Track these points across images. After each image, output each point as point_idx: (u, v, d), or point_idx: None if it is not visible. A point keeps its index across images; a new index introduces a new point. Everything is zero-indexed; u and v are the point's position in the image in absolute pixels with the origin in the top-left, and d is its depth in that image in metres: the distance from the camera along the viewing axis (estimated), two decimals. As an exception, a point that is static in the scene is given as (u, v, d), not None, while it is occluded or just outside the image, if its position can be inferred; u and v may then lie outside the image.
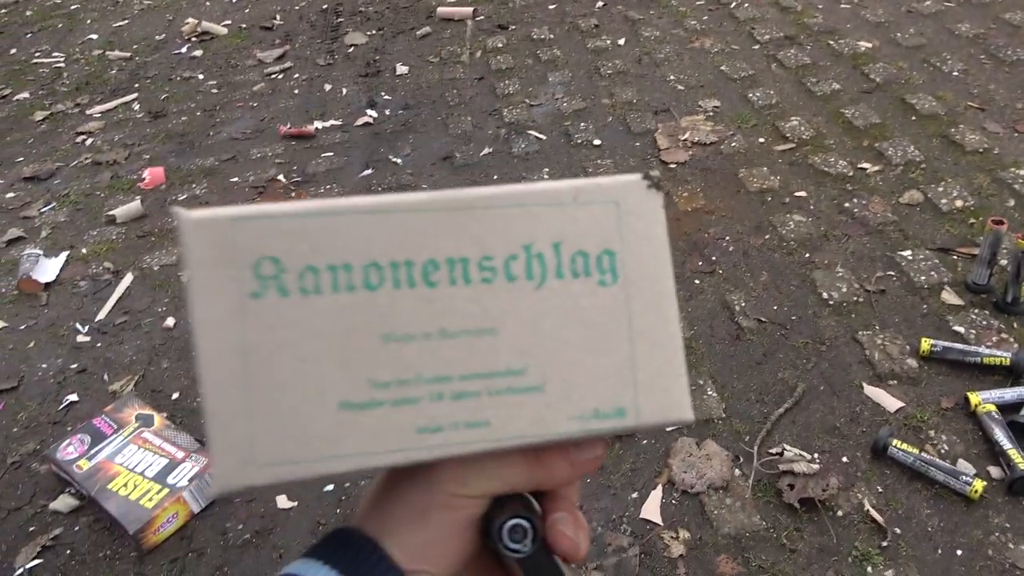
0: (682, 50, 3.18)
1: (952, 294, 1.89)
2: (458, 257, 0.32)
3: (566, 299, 0.33)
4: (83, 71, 3.93)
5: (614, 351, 0.34)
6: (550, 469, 0.35)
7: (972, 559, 1.39)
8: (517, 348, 0.33)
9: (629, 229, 0.34)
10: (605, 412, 0.34)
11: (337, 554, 0.34)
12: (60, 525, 1.72)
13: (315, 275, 0.31)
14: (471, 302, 0.32)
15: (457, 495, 0.34)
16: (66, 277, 2.49)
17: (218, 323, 0.30)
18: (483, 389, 0.32)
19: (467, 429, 0.32)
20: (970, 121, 2.47)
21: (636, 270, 0.34)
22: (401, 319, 0.31)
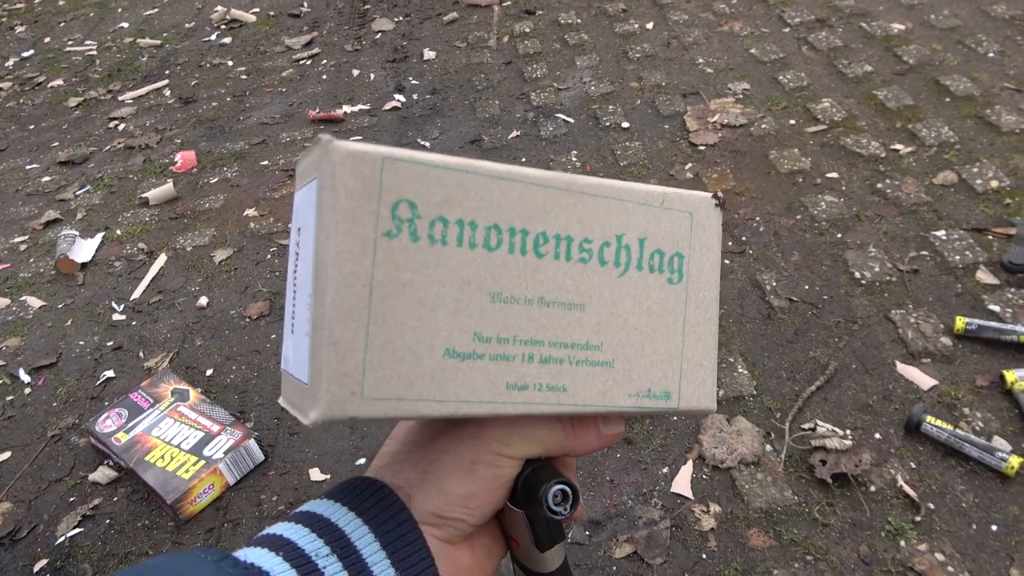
0: (711, 33, 3.15)
1: (987, 273, 1.86)
2: (564, 235, 0.35)
3: (641, 289, 0.37)
4: (115, 58, 3.99)
5: (669, 341, 0.38)
6: (582, 439, 0.39)
7: (1007, 535, 1.37)
8: (598, 326, 0.36)
9: (697, 238, 0.39)
10: (655, 393, 0.38)
11: (359, 500, 0.36)
12: (99, 496, 1.76)
13: (444, 226, 0.32)
14: (568, 277, 0.35)
15: (502, 454, 0.37)
16: (101, 257, 2.53)
17: (352, 254, 0.30)
18: (566, 357, 0.35)
19: (548, 392, 0.35)
20: (1006, 102, 2.43)
21: (696, 274, 0.39)
22: (509, 282, 0.34)
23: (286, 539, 0.34)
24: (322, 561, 0.34)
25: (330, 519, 0.35)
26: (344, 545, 0.34)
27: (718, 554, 1.43)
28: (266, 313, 2.18)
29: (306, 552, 0.34)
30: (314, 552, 0.34)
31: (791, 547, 1.42)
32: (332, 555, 0.34)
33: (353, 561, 0.34)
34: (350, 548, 0.34)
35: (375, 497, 0.36)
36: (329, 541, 0.34)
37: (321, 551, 0.34)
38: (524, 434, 0.37)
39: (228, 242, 2.49)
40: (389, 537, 0.35)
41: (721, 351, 1.81)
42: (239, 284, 2.31)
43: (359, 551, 0.34)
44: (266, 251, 2.42)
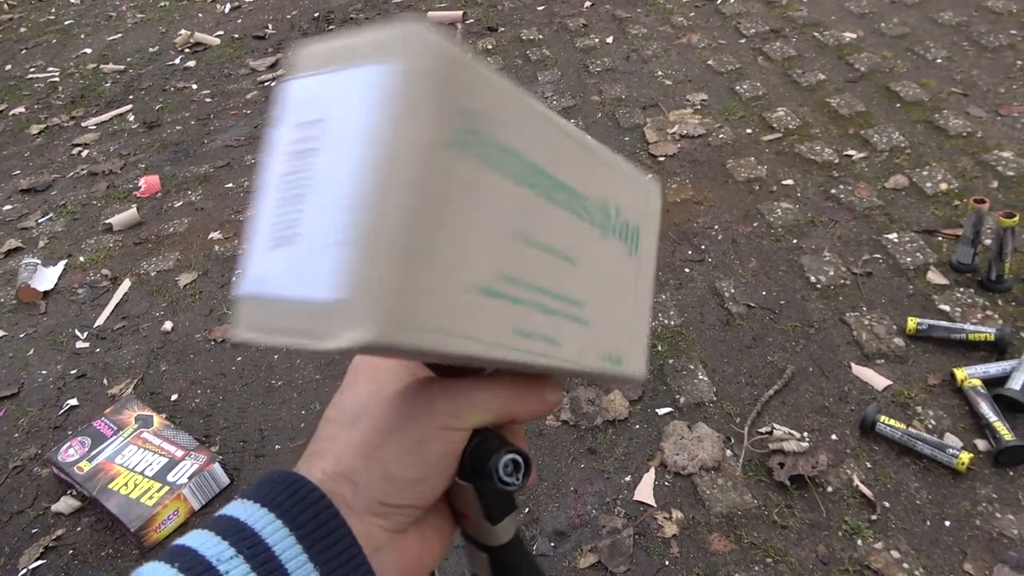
0: (669, 46, 3.21)
1: (938, 274, 1.91)
2: (571, 187, 0.34)
3: (614, 255, 0.38)
4: (78, 85, 3.97)
5: (626, 308, 0.39)
6: (527, 405, 0.38)
7: (960, 529, 1.40)
8: (584, 283, 0.35)
9: (648, 216, 0.40)
10: (614, 357, 0.38)
11: (271, 495, 0.33)
12: (62, 526, 1.74)
13: (502, 153, 0.29)
14: (570, 229, 0.34)
15: (450, 427, 0.35)
16: (64, 285, 2.51)
17: (434, 160, 0.26)
18: (561, 311, 0.34)
19: (545, 343, 0.33)
20: (954, 106, 2.49)
21: (645, 248, 0.40)
22: (534, 225, 0.32)
23: (187, 548, 0.32)
24: (224, 565, 0.31)
25: (239, 519, 0.33)
26: (253, 544, 0.32)
27: (681, 560, 1.45)
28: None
29: (206, 558, 0.31)
30: (216, 556, 0.31)
31: (751, 550, 1.44)
32: (237, 556, 0.31)
33: (263, 560, 0.32)
34: (260, 547, 0.32)
35: (290, 491, 0.33)
36: (235, 542, 0.32)
37: (224, 554, 0.32)
38: (472, 403, 0.35)
39: (193, 266, 2.49)
40: (305, 531, 0.32)
41: (681, 358, 1.84)
42: (204, 307, 2.30)
43: (271, 548, 0.32)
44: (231, 274, 2.42)
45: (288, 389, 1.98)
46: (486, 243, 0.29)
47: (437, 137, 0.26)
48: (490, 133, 0.29)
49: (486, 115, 0.28)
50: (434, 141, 0.26)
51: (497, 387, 0.37)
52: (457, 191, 0.27)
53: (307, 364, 2.04)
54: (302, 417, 1.89)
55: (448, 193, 0.27)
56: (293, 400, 1.94)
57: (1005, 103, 2.46)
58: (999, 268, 1.80)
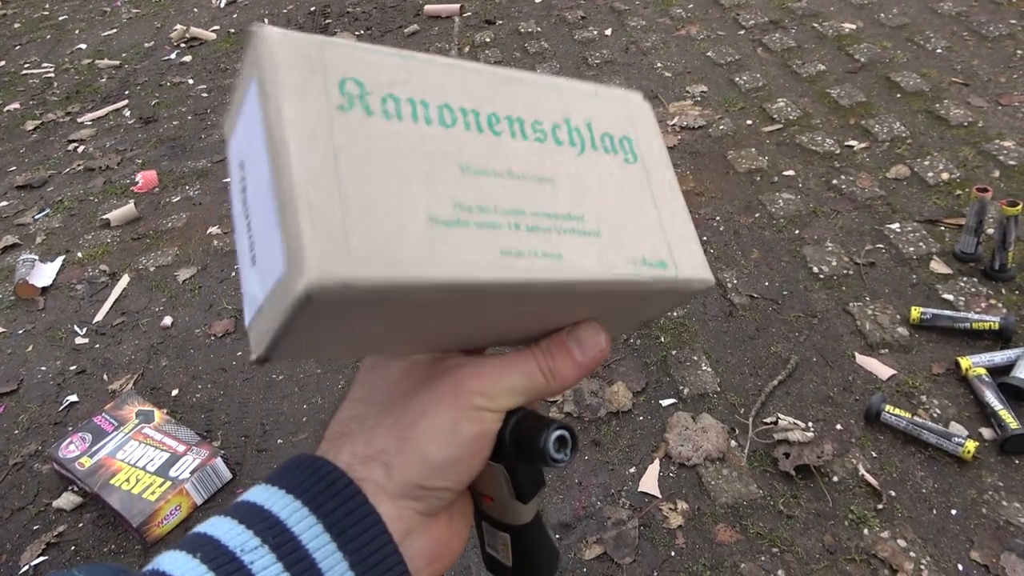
0: (668, 38, 3.20)
1: (941, 263, 1.91)
2: (514, 116, 0.35)
3: (603, 167, 0.37)
4: (73, 80, 3.94)
5: (647, 215, 0.37)
6: (563, 376, 0.37)
7: (966, 518, 1.40)
8: (573, 199, 0.35)
9: (638, 125, 0.39)
10: (652, 261, 0.36)
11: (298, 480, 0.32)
12: (64, 522, 1.73)
13: (396, 103, 0.31)
14: (531, 154, 0.34)
15: (484, 408, 0.34)
16: (62, 281, 2.50)
17: (308, 123, 0.29)
18: (552, 227, 0.33)
19: (545, 259, 0.33)
20: (954, 96, 2.49)
21: (648, 156, 0.39)
22: (475, 155, 0.33)
23: (208, 537, 0.31)
24: (248, 556, 0.30)
25: (263, 506, 0.32)
26: (279, 533, 0.31)
27: (686, 551, 1.44)
28: (231, 330, 2.16)
29: (229, 548, 0.30)
30: (239, 547, 0.30)
31: (757, 540, 1.43)
32: (262, 546, 0.30)
33: (290, 550, 0.30)
34: (286, 536, 0.31)
35: (316, 476, 0.32)
36: (260, 531, 0.31)
37: (248, 544, 0.31)
38: (506, 384, 0.35)
39: (192, 261, 2.47)
40: (333, 518, 0.31)
41: (684, 349, 1.83)
42: (203, 302, 2.29)
43: (297, 538, 0.31)
44: (230, 268, 2.40)
45: (289, 383, 1.97)
46: (416, 179, 0.30)
47: (313, 105, 0.29)
48: (373, 89, 0.31)
49: (360, 77, 0.31)
50: (312, 108, 0.29)
51: (529, 366, 0.36)
52: (350, 143, 0.29)
53: (308, 359, 2.02)
54: (303, 411, 1.88)
55: (340, 145, 0.29)
56: (294, 394, 1.93)
57: (1006, 92, 2.46)
58: (1002, 257, 1.80)
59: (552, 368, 0.36)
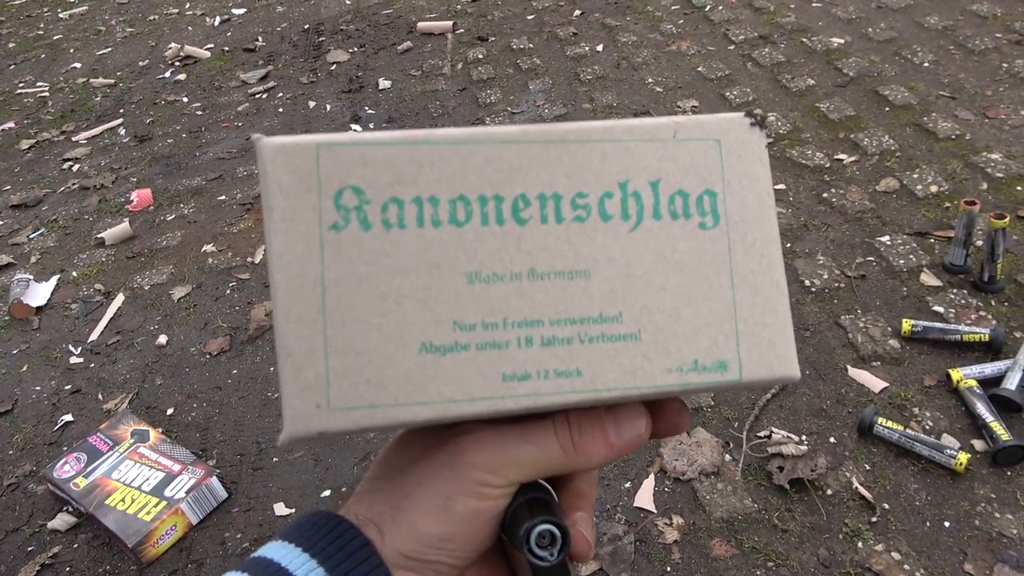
0: (659, 53, 3.23)
1: (931, 276, 1.92)
2: (550, 193, 0.30)
3: (663, 242, 0.31)
4: (68, 99, 3.96)
5: (714, 299, 0.31)
6: (588, 454, 0.33)
7: (960, 530, 1.41)
8: (611, 293, 0.31)
9: (731, 169, 0.32)
10: (705, 365, 0.31)
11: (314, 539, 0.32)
12: (59, 543, 1.73)
13: (399, 208, 0.29)
14: (563, 242, 0.30)
15: (486, 484, 0.32)
16: (57, 300, 2.50)
17: (296, 255, 0.28)
18: (575, 335, 0.30)
19: (557, 378, 0.30)
20: (942, 109, 2.52)
21: (739, 213, 0.32)
22: (489, 258, 0.30)
23: None
24: None
25: (280, 563, 0.31)
26: None
27: (682, 566, 1.45)
28: (226, 349, 2.17)
29: None
30: None
31: (752, 554, 1.44)
32: None
33: None
34: None
35: (333, 534, 0.32)
36: None
37: None
38: (512, 456, 0.32)
39: (187, 279, 2.48)
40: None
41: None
42: (199, 321, 2.29)
43: None
44: (225, 286, 2.41)
45: (285, 401, 1.97)
46: (413, 301, 0.29)
47: (304, 231, 0.28)
48: (374, 196, 0.29)
49: (360, 183, 0.29)
50: (302, 235, 0.28)
51: (544, 437, 0.32)
52: (341, 273, 0.28)
53: (303, 376, 2.03)
54: (299, 429, 1.88)
55: (331, 279, 0.28)
56: (290, 412, 1.93)
57: (992, 105, 2.49)
58: (991, 269, 1.82)
59: (577, 443, 0.33)
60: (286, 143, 0.29)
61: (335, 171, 0.29)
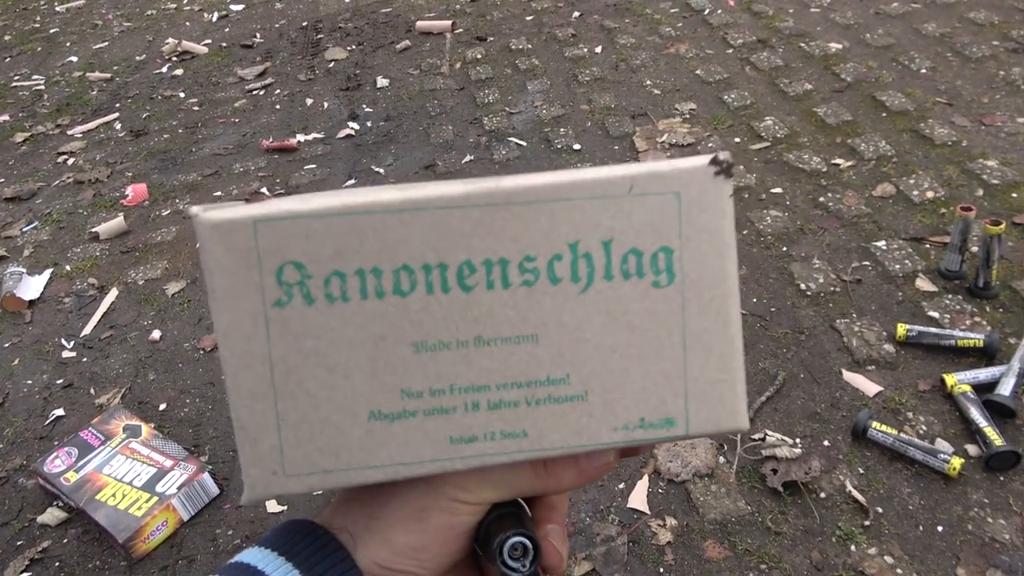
0: (658, 56, 3.23)
1: (926, 281, 1.93)
2: (496, 259, 0.30)
3: (614, 303, 0.31)
4: (63, 93, 3.94)
5: (665, 359, 0.31)
6: (558, 478, 0.34)
7: (952, 534, 1.41)
8: (559, 356, 0.30)
9: (691, 224, 0.31)
10: (651, 422, 0.31)
11: (291, 545, 0.33)
12: (48, 538, 1.71)
13: (342, 281, 0.29)
14: (510, 308, 0.30)
15: (458, 500, 0.33)
16: (50, 294, 2.48)
17: (242, 333, 0.29)
18: (522, 398, 0.30)
19: (503, 439, 0.30)
20: (938, 116, 2.53)
21: (696, 269, 0.31)
22: (434, 327, 0.30)
23: None
24: None
25: (257, 567, 0.32)
26: None
27: (675, 567, 1.44)
28: (220, 345, 2.15)
29: None
30: None
31: (746, 557, 1.44)
32: None
33: None
34: None
35: (309, 539, 0.33)
36: None
37: None
38: (484, 478, 0.33)
39: (181, 274, 2.47)
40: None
41: (674, 366, 1.84)
42: (193, 316, 2.28)
43: None
44: (220, 282, 2.40)
45: (278, 398, 1.96)
46: (361, 373, 0.29)
47: (248, 309, 0.29)
48: (315, 271, 0.29)
49: (300, 258, 0.29)
50: (247, 313, 0.29)
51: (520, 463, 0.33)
52: (288, 349, 0.29)
53: (297, 373, 2.02)
54: (293, 426, 1.87)
55: (278, 355, 0.29)
56: (283, 409, 1.92)
57: (988, 112, 2.50)
58: (986, 275, 1.82)
59: (549, 468, 0.34)
60: (222, 220, 0.28)
61: (275, 246, 0.28)
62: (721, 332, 0.32)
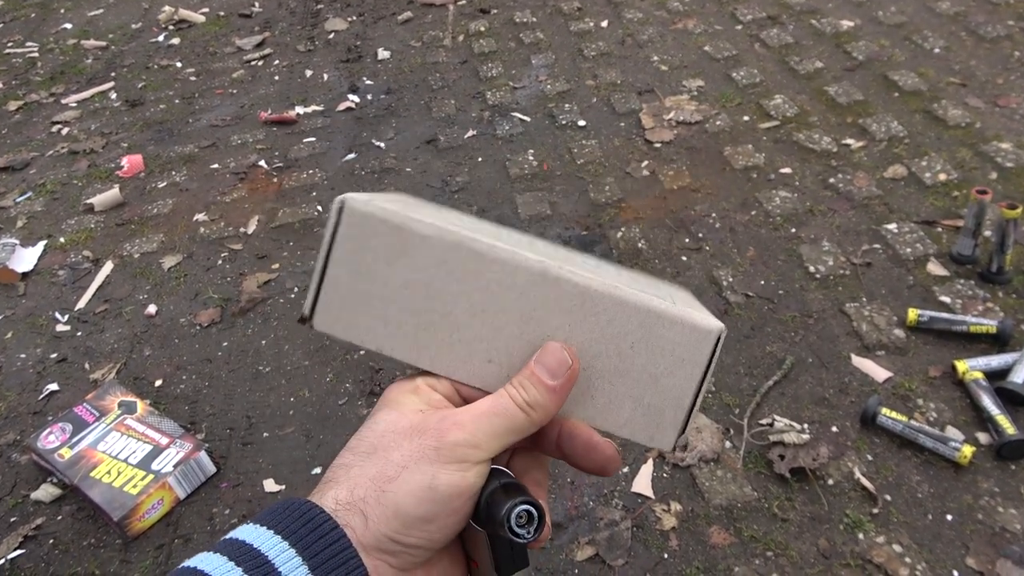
0: (665, 31, 3.16)
1: (938, 265, 1.89)
2: None
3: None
4: (58, 61, 3.86)
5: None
6: (542, 406, 0.38)
7: (962, 523, 1.39)
8: None
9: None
10: None
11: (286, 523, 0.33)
12: (42, 515, 1.69)
13: None
14: None
15: (468, 460, 0.35)
16: (44, 266, 2.44)
17: None
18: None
19: None
20: (952, 96, 2.47)
21: None
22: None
23: (198, 571, 0.32)
24: None
25: (253, 545, 0.33)
26: (267, 572, 0.32)
27: (679, 553, 1.42)
28: (217, 320, 2.12)
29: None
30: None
31: (751, 543, 1.41)
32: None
33: None
34: (273, 574, 0.32)
35: (304, 519, 0.33)
36: (248, 568, 0.32)
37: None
38: (488, 429, 0.36)
39: (177, 248, 2.42)
40: (318, 560, 0.32)
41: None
42: (189, 291, 2.24)
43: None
44: (217, 256, 2.35)
45: (276, 375, 1.93)
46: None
47: None
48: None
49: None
50: None
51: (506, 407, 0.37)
52: None
53: (295, 350, 1.99)
54: (290, 404, 1.85)
55: None
56: (281, 387, 1.89)
57: (1003, 94, 2.44)
58: (1000, 260, 1.79)
59: (528, 400, 0.37)
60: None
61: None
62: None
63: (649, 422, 0.40)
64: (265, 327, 2.08)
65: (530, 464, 0.41)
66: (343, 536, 0.32)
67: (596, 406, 0.40)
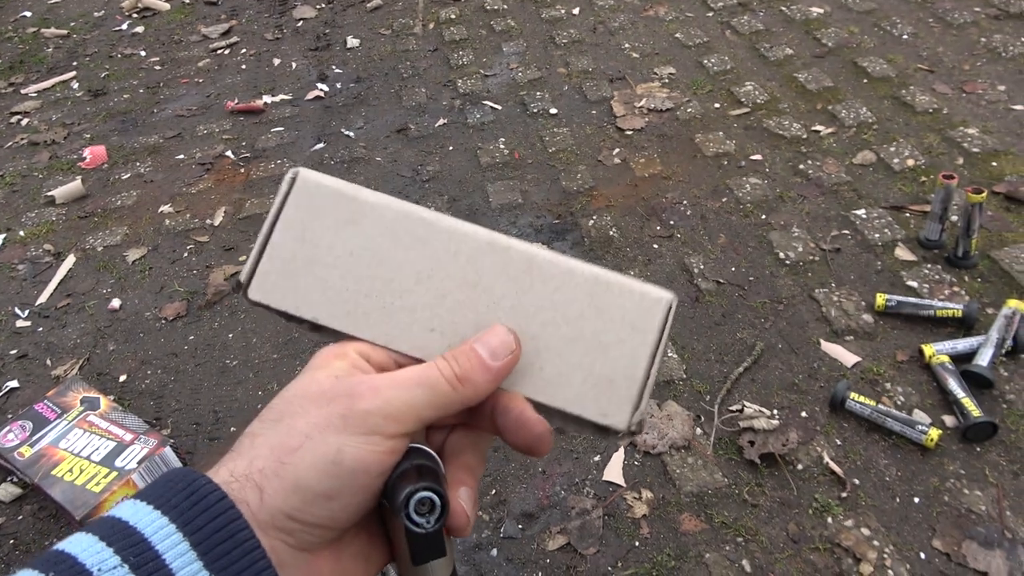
0: (636, 19, 3.15)
1: (905, 250, 1.90)
2: None
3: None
4: (16, 49, 3.76)
5: None
6: (473, 384, 0.35)
7: (929, 506, 1.40)
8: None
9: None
10: None
11: (166, 496, 0.31)
12: (2, 515, 1.65)
13: None
14: None
15: (381, 432, 0.32)
16: (3, 261, 2.38)
17: None
18: None
19: None
20: (920, 83, 2.49)
21: None
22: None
23: (65, 554, 0.29)
24: (106, 575, 0.29)
25: (128, 522, 0.30)
26: (142, 552, 0.29)
27: (651, 540, 1.42)
28: (183, 314, 2.08)
29: (85, 567, 0.29)
30: (97, 565, 0.29)
31: (722, 529, 1.42)
32: (122, 566, 0.29)
33: (151, 570, 0.29)
34: (149, 554, 0.29)
35: (187, 492, 0.30)
36: (121, 549, 0.29)
37: (107, 563, 0.29)
38: (407, 399, 0.33)
39: (142, 240, 2.37)
40: (201, 536, 0.29)
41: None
42: (154, 284, 2.20)
43: (160, 556, 0.29)
44: (183, 249, 2.31)
45: (244, 369, 1.89)
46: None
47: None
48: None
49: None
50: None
51: (432, 378, 0.34)
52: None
53: (263, 343, 1.96)
54: (258, 398, 1.82)
55: None
56: (249, 380, 1.86)
57: (970, 80, 2.46)
58: (966, 244, 1.80)
59: (459, 374, 0.35)
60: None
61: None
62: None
63: (600, 395, 0.38)
64: (232, 320, 2.04)
65: (465, 446, 0.38)
66: (233, 510, 0.30)
67: (544, 377, 0.38)
